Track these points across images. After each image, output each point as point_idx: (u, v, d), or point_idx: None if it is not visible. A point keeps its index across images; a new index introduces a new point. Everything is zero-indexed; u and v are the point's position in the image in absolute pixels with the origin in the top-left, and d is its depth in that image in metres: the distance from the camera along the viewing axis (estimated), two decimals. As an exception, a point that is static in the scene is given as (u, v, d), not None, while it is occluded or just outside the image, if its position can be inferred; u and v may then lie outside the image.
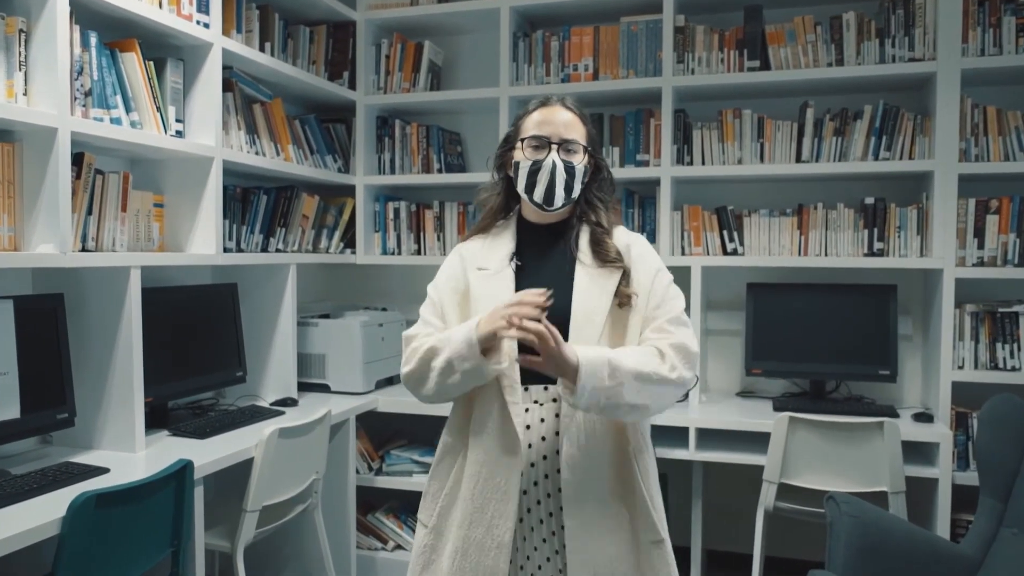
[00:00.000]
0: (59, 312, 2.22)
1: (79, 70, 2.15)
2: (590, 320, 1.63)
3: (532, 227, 1.78)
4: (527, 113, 1.74)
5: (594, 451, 1.62)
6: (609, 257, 1.67)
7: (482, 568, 1.61)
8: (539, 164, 1.67)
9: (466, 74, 3.59)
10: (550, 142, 1.68)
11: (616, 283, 1.65)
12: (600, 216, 1.74)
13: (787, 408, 2.89)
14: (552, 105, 1.73)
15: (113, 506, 1.85)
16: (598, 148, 1.79)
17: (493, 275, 1.70)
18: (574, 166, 1.68)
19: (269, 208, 3.06)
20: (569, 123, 1.70)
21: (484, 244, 1.78)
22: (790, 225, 3.08)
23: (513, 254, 1.73)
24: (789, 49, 3.01)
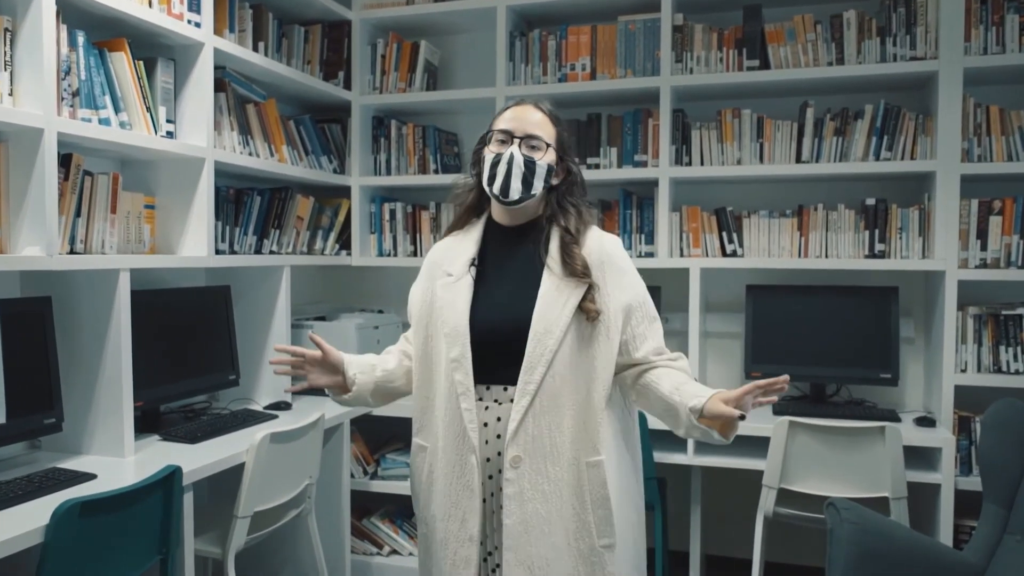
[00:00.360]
0: (46, 315, 2.19)
1: (66, 70, 2.11)
2: (549, 331, 1.65)
3: (500, 229, 1.80)
4: (501, 112, 1.79)
5: (543, 453, 1.65)
6: (576, 269, 1.67)
7: (460, 558, 1.70)
8: (499, 156, 1.69)
9: (463, 74, 3.56)
10: (514, 136, 1.70)
11: (580, 296, 1.66)
12: (570, 221, 1.73)
13: (787, 412, 2.86)
14: (525, 104, 1.76)
15: (98, 514, 1.81)
16: (569, 152, 1.79)
17: (454, 282, 1.74)
18: (535, 161, 1.69)
19: (263, 209, 3.02)
20: (537, 121, 1.73)
21: (452, 244, 1.82)
22: (790, 226, 3.04)
23: (474, 259, 1.76)
24: (789, 48, 2.97)
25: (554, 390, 1.65)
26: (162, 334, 2.63)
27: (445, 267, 1.77)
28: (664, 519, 3.00)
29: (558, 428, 1.65)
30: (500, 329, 1.69)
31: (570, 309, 1.65)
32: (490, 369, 1.69)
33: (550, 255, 1.70)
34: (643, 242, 3.18)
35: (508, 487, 1.65)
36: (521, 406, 1.64)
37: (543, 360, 1.64)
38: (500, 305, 1.72)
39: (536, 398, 1.64)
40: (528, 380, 1.64)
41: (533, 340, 1.64)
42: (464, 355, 1.68)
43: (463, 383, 1.68)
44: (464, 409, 1.67)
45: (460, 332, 1.69)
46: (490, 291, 1.73)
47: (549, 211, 1.75)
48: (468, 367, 1.67)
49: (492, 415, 1.70)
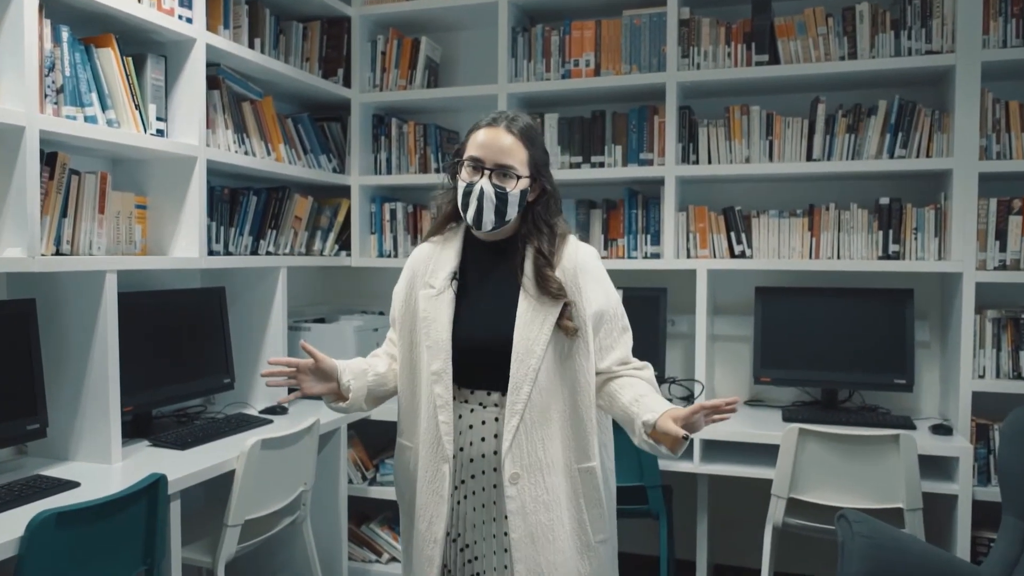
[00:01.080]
0: (30, 318, 2.13)
1: (50, 66, 2.05)
2: (531, 351, 1.69)
3: (479, 243, 1.83)
4: (474, 130, 1.76)
5: (539, 466, 1.70)
6: (551, 291, 1.70)
7: (424, 558, 1.76)
8: (471, 187, 1.71)
9: (465, 71, 3.48)
10: (484, 167, 1.70)
11: (557, 315, 1.70)
12: (543, 243, 1.74)
13: (797, 418, 2.77)
14: (496, 127, 1.73)
15: (77, 524, 1.75)
16: (544, 170, 1.78)
17: (437, 295, 1.78)
18: (506, 192, 1.70)
19: (259, 209, 2.96)
20: (507, 148, 1.71)
21: (434, 252, 1.84)
22: (801, 226, 2.94)
23: (455, 273, 1.79)
24: (799, 42, 2.88)
25: (542, 405, 1.70)
26: (154, 337, 2.57)
27: (427, 278, 1.81)
28: (670, 527, 2.91)
29: (550, 440, 1.71)
30: (481, 345, 1.74)
31: (548, 328, 1.69)
32: (472, 375, 1.75)
33: (525, 275, 1.73)
34: (649, 243, 3.10)
35: (511, 503, 1.69)
36: (512, 425, 1.68)
37: (528, 379, 1.69)
38: (481, 323, 1.76)
39: (525, 414, 1.69)
40: (516, 400, 1.69)
41: (516, 361, 1.69)
42: (445, 369, 1.73)
43: (442, 396, 1.73)
44: (441, 421, 1.72)
45: (442, 346, 1.73)
46: (471, 307, 1.77)
47: (524, 230, 1.77)
48: (448, 381, 1.73)
49: (477, 417, 1.75)
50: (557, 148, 3.19)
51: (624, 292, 3.10)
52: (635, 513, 2.73)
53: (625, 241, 3.13)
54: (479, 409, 1.76)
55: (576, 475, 1.73)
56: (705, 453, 2.78)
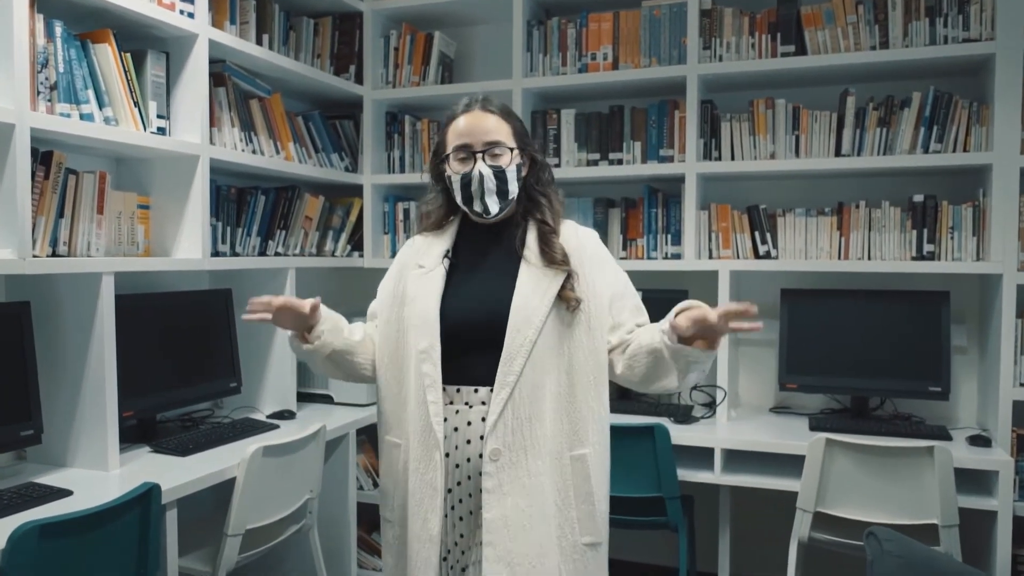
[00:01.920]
0: (24, 321, 2.08)
1: (43, 62, 2.00)
2: (528, 321, 1.62)
3: (475, 226, 1.77)
4: (450, 121, 1.72)
5: (523, 446, 1.61)
6: (555, 258, 1.66)
7: (421, 559, 1.65)
8: (468, 176, 1.66)
9: (480, 66, 3.39)
10: (474, 152, 1.67)
11: (559, 285, 1.65)
12: (545, 212, 1.72)
13: (825, 427, 2.64)
14: (472, 110, 1.70)
15: (62, 536, 1.68)
16: (529, 141, 1.76)
17: (427, 273, 1.72)
18: (503, 169, 1.67)
19: (268, 209, 2.90)
20: (491, 127, 1.68)
21: (427, 240, 1.80)
22: (829, 225, 2.80)
23: (448, 251, 1.74)
24: (827, 32, 2.74)
25: (534, 381, 1.62)
26: (157, 340, 2.52)
27: (419, 259, 1.76)
28: (691, 539, 2.79)
29: (539, 420, 1.62)
30: (472, 320, 1.66)
31: (550, 298, 1.63)
32: (460, 367, 1.65)
33: (527, 247, 1.69)
34: (669, 242, 2.98)
35: (487, 480, 1.61)
36: (501, 398, 1.60)
37: (523, 351, 1.60)
38: (473, 297, 1.69)
39: (516, 389, 1.60)
40: (508, 371, 1.60)
41: (512, 330, 1.61)
42: (433, 346, 1.64)
43: (430, 375, 1.64)
44: (430, 402, 1.63)
45: (429, 322, 1.66)
46: (464, 283, 1.71)
47: (522, 207, 1.74)
48: (436, 358, 1.64)
49: (463, 419, 1.65)
50: (574, 145, 3.08)
51: (643, 294, 3.00)
52: (653, 525, 2.62)
53: (644, 241, 3.01)
54: (465, 410, 1.65)
55: (567, 463, 1.64)
56: (727, 463, 2.66)
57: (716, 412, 2.85)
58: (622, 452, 2.51)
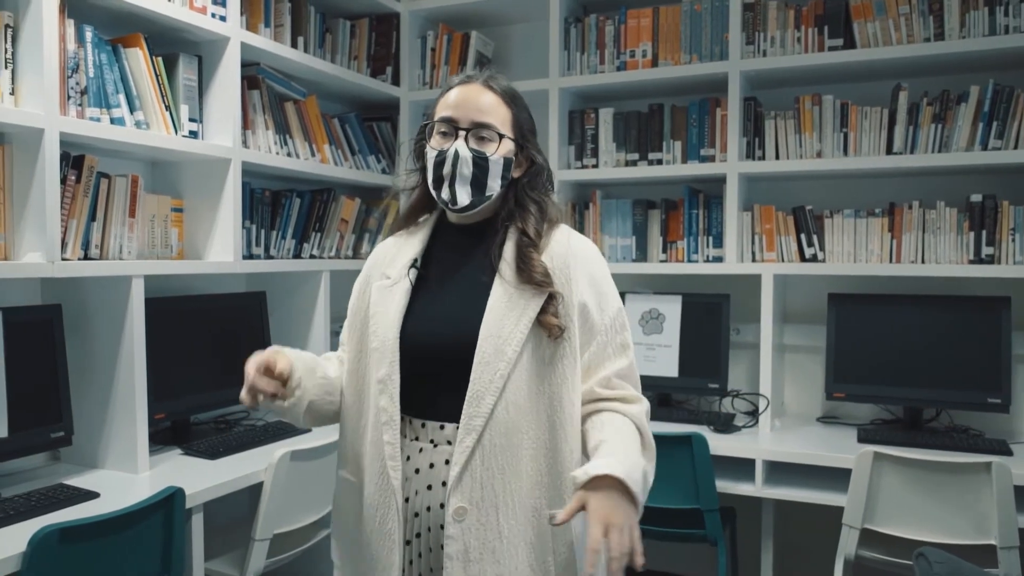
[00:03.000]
0: (55, 324, 2.10)
1: (73, 67, 2.01)
2: (500, 352, 1.35)
3: (451, 228, 1.52)
4: (443, 93, 1.47)
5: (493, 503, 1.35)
6: (533, 277, 1.38)
7: None
8: (444, 155, 1.41)
9: (516, 65, 3.33)
10: (458, 127, 1.41)
11: (539, 308, 1.37)
12: (528, 222, 1.44)
13: (875, 438, 2.51)
14: (472, 83, 1.45)
15: (83, 540, 1.68)
16: (531, 138, 1.49)
17: (391, 286, 1.47)
18: (486, 157, 1.40)
19: (303, 212, 2.89)
20: (487, 106, 1.42)
21: (396, 244, 1.54)
22: (880, 227, 2.67)
23: (415, 261, 1.48)
24: (878, 23, 2.61)
25: (508, 425, 1.35)
26: (191, 342, 2.53)
27: (384, 267, 1.50)
28: (733, 553, 2.69)
29: (513, 472, 1.35)
30: (436, 346, 1.40)
31: (525, 324, 1.36)
32: (424, 398, 1.40)
33: (503, 259, 1.42)
34: (711, 245, 2.88)
35: (450, 545, 1.34)
36: (466, 446, 1.33)
37: (492, 388, 1.34)
38: (439, 317, 1.43)
39: (484, 435, 1.33)
40: (474, 413, 1.34)
41: (480, 363, 1.34)
42: (391, 376, 1.39)
43: (387, 410, 1.39)
44: (386, 442, 1.38)
45: (388, 347, 1.41)
46: (430, 300, 1.45)
47: (506, 210, 1.47)
48: (394, 391, 1.38)
49: (425, 459, 1.39)
50: (612, 145, 3.00)
51: (684, 298, 2.94)
52: (691, 538, 2.53)
53: (685, 243, 2.92)
54: (429, 449, 1.39)
55: (546, 524, 1.36)
56: (769, 475, 2.55)
57: (759, 421, 2.74)
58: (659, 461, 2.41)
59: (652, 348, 2.94)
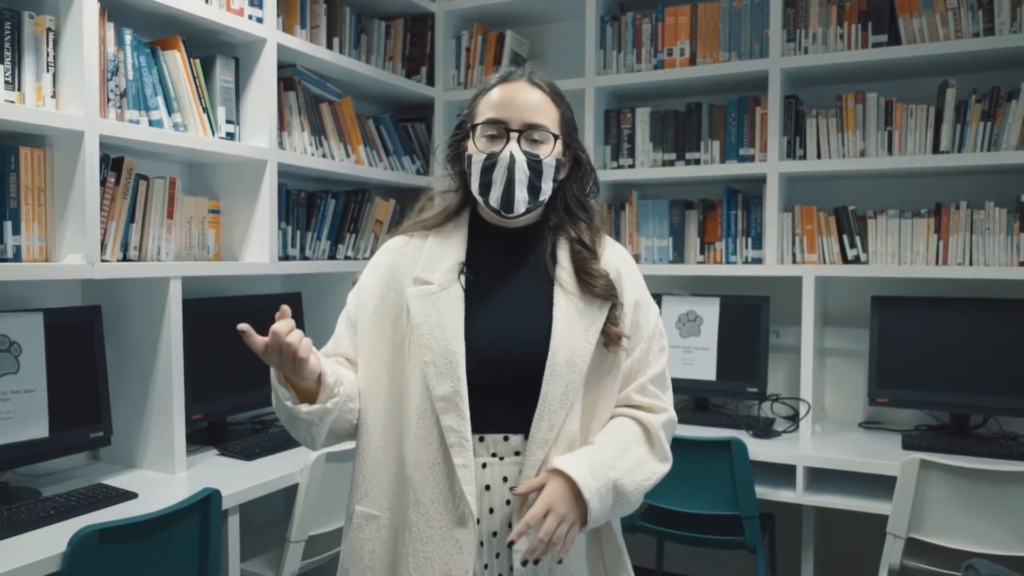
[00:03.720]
0: (95, 325, 2.12)
1: (113, 70, 2.03)
2: (572, 365, 1.31)
3: (490, 231, 1.43)
4: (484, 91, 1.39)
5: None
6: (597, 289, 1.35)
7: None
8: (494, 158, 1.33)
9: (552, 65, 3.30)
10: (509, 129, 1.34)
11: (604, 319, 1.34)
12: (582, 231, 1.40)
13: (920, 445, 2.45)
14: (515, 81, 1.37)
15: (122, 540, 1.69)
16: (577, 137, 1.43)
17: (437, 293, 1.35)
18: (540, 160, 1.34)
19: (338, 213, 2.89)
20: (536, 105, 1.35)
21: (426, 246, 1.41)
22: (925, 228, 2.60)
23: (463, 265, 1.38)
24: (924, 19, 2.54)
25: (571, 438, 1.32)
26: (227, 343, 2.52)
27: (416, 271, 1.38)
28: (771, 561, 2.64)
29: None
30: (504, 360, 1.33)
31: (594, 335, 1.33)
32: (486, 412, 1.32)
33: (560, 268, 1.37)
34: (749, 246, 2.82)
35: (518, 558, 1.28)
36: (537, 459, 1.29)
37: (564, 401, 1.30)
38: (504, 328, 1.35)
39: (554, 448, 1.30)
40: (547, 427, 1.29)
41: (552, 376, 1.30)
42: (458, 392, 1.29)
43: (457, 430, 1.28)
44: (459, 466, 1.27)
45: (452, 361, 1.30)
46: (489, 309, 1.36)
47: (555, 216, 1.42)
48: (464, 408, 1.29)
49: (494, 475, 1.33)
50: (649, 145, 2.96)
51: (722, 300, 2.89)
52: (730, 544, 2.48)
53: (723, 245, 2.87)
54: (494, 464, 1.33)
55: (592, 530, 1.37)
56: (810, 482, 2.49)
57: (799, 426, 2.68)
58: (696, 467, 2.40)
59: (689, 351, 2.89)
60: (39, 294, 2.12)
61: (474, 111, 1.40)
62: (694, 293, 2.96)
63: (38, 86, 1.89)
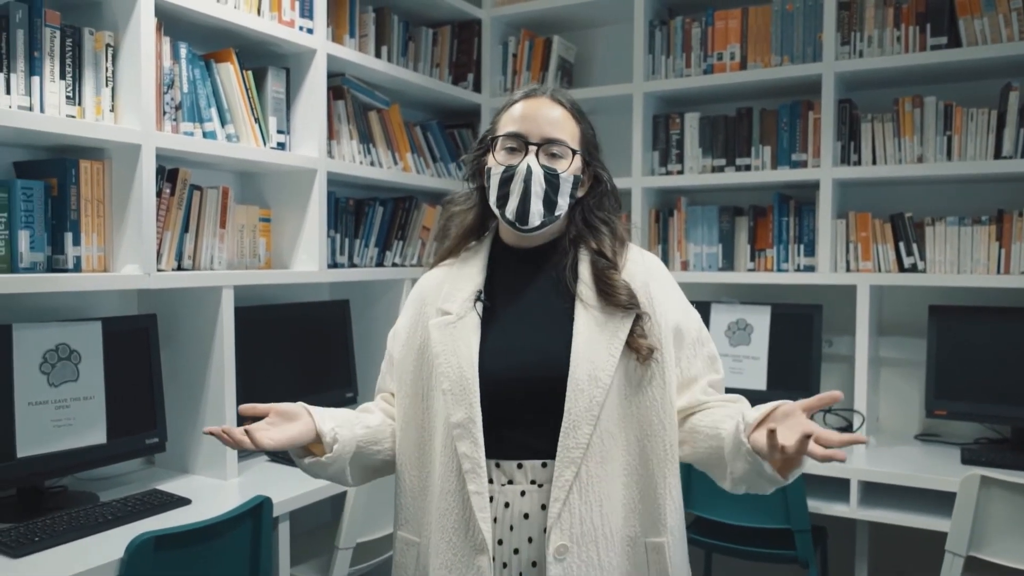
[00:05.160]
0: (151, 333, 2.16)
1: (169, 83, 2.07)
2: (595, 380, 1.28)
3: (510, 252, 1.44)
4: (507, 106, 1.41)
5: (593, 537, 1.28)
6: (619, 299, 1.32)
7: None
8: (512, 170, 1.34)
9: (599, 70, 3.29)
10: (528, 142, 1.35)
11: (628, 330, 1.31)
12: (603, 242, 1.39)
13: (980, 459, 2.37)
14: (538, 97, 1.39)
15: (176, 547, 1.72)
16: (596, 154, 1.43)
17: (455, 322, 1.36)
18: (557, 174, 1.34)
19: (385, 220, 2.91)
20: (556, 120, 1.36)
21: (449, 275, 1.44)
22: (986, 235, 2.52)
23: (480, 292, 1.39)
24: (986, 19, 2.46)
25: (603, 454, 1.29)
26: (277, 350, 2.57)
27: (439, 302, 1.40)
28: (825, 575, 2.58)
29: (609, 503, 1.29)
30: (522, 380, 1.32)
31: (616, 347, 1.30)
32: (502, 438, 1.32)
33: (581, 282, 1.36)
34: (801, 253, 2.77)
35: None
36: (565, 480, 1.27)
37: (588, 416, 1.27)
38: (520, 349, 1.35)
39: (582, 467, 1.27)
40: (571, 445, 1.27)
41: (575, 392, 1.28)
42: (472, 418, 1.30)
43: (471, 456, 1.29)
44: (472, 492, 1.28)
45: (466, 387, 1.31)
46: (504, 332, 1.36)
47: (574, 231, 1.41)
48: (478, 434, 1.29)
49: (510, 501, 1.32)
50: (698, 150, 2.93)
51: (773, 308, 2.84)
52: (781, 558, 2.44)
53: (774, 252, 2.82)
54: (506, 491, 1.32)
55: (642, 552, 1.31)
56: (865, 496, 2.43)
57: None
58: (746, 480, 2.36)
59: (739, 360, 2.85)
60: (97, 303, 2.17)
61: (496, 126, 1.42)
62: (744, 301, 2.91)
63: (97, 100, 1.93)
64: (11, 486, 1.93)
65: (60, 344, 1.94)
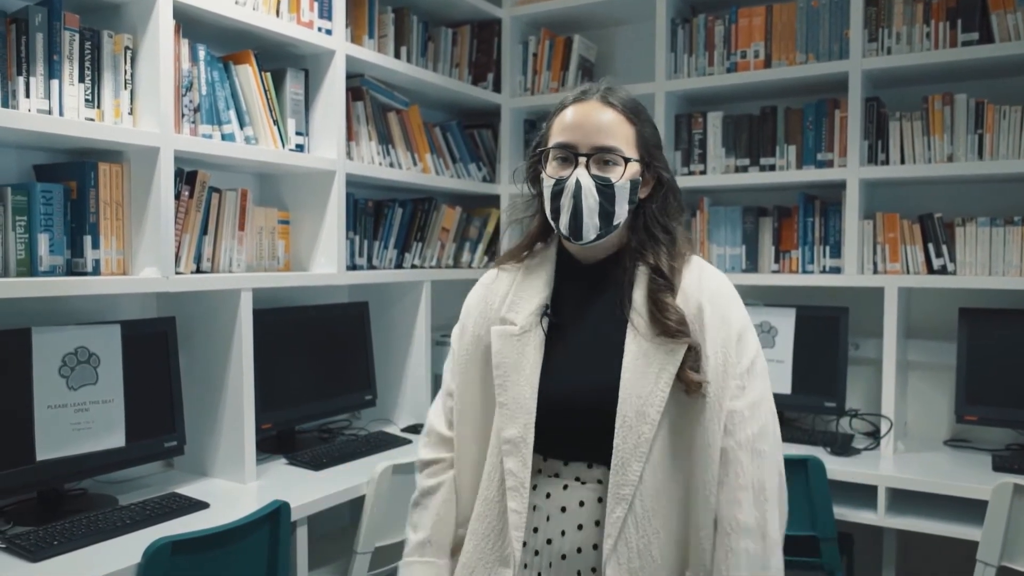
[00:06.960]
0: (170, 336, 2.16)
1: (187, 86, 2.06)
2: (642, 415, 1.24)
3: (575, 265, 1.39)
4: (558, 111, 1.35)
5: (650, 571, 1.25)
6: (670, 326, 1.26)
7: None
8: (562, 184, 1.29)
9: (621, 69, 3.24)
10: (577, 153, 1.30)
11: (679, 362, 1.25)
12: (660, 256, 1.32)
13: (1011, 466, 2.32)
14: (588, 100, 1.32)
15: (194, 552, 1.71)
16: (658, 154, 1.36)
17: (519, 335, 1.33)
18: (611, 184, 1.28)
19: (404, 221, 2.89)
20: (607, 126, 1.30)
21: (514, 281, 1.40)
22: (1019, 237, 2.45)
23: (547, 307, 1.35)
24: (1020, 15, 2.39)
25: (656, 488, 1.25)
26: (296, 353, 2.56)
27: (504, 312, 1.36)
28: (851, 583, 2.54)
29: (666, 533, 1.26)
30: (574, 408, 1.30)
31: (666, 382, 1.25)
32: (566, 446, 1.32)
33: (634, 307, 1.30)
34: (827, 255, 2.71)
35: None
36: (618, 516, 1.24)
37: (638, 453, 1.24)
38: (575, 375, 1.32)
39: (635, 502, 1.24)
40: (622, 482, 1.24)
41: (623, 428, 1.24)
42: (524, 438, 1.28)
43: (517, 474, 1.28)
44: (511, 510, 1.28)
45: (523, 406, 1.29)
46: (564, 354, 1.33)
47: (635, 241, 1.35)
48: (527, 454, 1.28)
49: (573, 498, 1.30)
50: (721, 150, 2.88)
51: (798, 311, 2.79)
52: (806, 566, 2.38)
53: (799, 253, 2.76)
54: (576, 486, 1.30)
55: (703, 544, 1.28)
56: (892, 503, 2.37)
57: (880, 444, 2.57)
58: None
59: (763, 363, 2.79)
60: (116, 306, 2.17)
61: (548, 133, 1.37)
62: (768, 303, 2.86)
63: (116, 103, 1.93)
64: (31, 489, 1.93)
65: (79, 347, 1.94)
